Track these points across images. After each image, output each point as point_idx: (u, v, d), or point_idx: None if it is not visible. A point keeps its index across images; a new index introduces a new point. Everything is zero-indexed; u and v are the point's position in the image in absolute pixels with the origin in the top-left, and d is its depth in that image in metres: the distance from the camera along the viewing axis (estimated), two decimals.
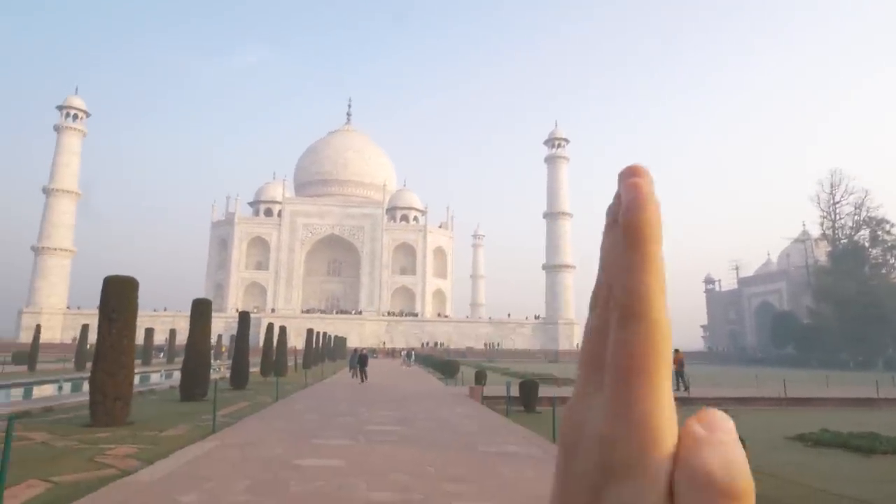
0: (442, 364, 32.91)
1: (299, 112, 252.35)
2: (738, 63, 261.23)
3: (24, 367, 32.83)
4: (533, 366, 51.04)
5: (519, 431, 11.69)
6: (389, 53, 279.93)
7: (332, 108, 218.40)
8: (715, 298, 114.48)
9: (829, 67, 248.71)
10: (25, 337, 65.85)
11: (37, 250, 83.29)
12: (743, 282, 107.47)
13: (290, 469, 7.52)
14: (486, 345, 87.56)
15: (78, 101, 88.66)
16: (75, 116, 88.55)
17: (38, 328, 38.37)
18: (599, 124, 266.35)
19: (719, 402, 18.82)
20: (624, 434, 0.27)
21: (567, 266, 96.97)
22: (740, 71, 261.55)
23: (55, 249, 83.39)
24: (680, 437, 0.27)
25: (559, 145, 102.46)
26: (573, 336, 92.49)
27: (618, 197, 0.30)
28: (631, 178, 0.29)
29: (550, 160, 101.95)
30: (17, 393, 20.97)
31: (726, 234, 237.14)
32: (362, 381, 25.03)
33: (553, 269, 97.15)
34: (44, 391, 22.02)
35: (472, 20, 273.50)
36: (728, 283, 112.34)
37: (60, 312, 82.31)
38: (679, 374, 20.73)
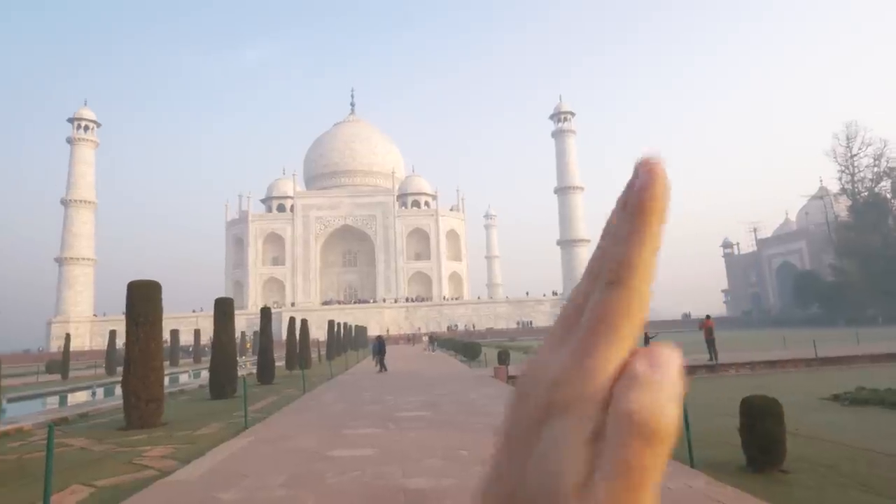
0: (463, 346, 33.00)
1: (305, 106, 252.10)
2: (750, 16, 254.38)
3: (57, 376, 33.60)
4: None
5: None
6: (388, 40, 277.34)
7: (337, 99, 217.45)
8: (734, 262, 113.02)
9: (842, 19, 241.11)
10: (56, 346, 67.46)
11: (60, 261, 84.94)
12: (762, 243, 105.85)
13: (325, 461, 7.57)
14: (518, 323, 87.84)
15: (88, 113, 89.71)
16: (86, 128, 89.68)
17: (67, 337, 39.16)
18: (608, 94, 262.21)
19: (751, 367, 18.63)
20: (572, 376, 0.27)
21: (582, 240, 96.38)
22: (752, 24, 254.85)
23: (78, 259, 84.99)
24: (620, 374, 0.27)
25: (565, 119, 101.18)
26: None
27: (629, 184, 0.30)
28: (646, 166, 0.29)
29: (557, 134, 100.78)
30: (53, 401, 21.50)
31: (742, 196, 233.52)
32: (380, 370, 24.07)
33: (568, 244, 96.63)
34: (78, 398, 22.53)
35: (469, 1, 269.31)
36: (747, 245, 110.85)
37: (88, 320, 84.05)
38: (709, 341, 20.22)
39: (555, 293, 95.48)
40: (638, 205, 0.29)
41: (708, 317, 21.64)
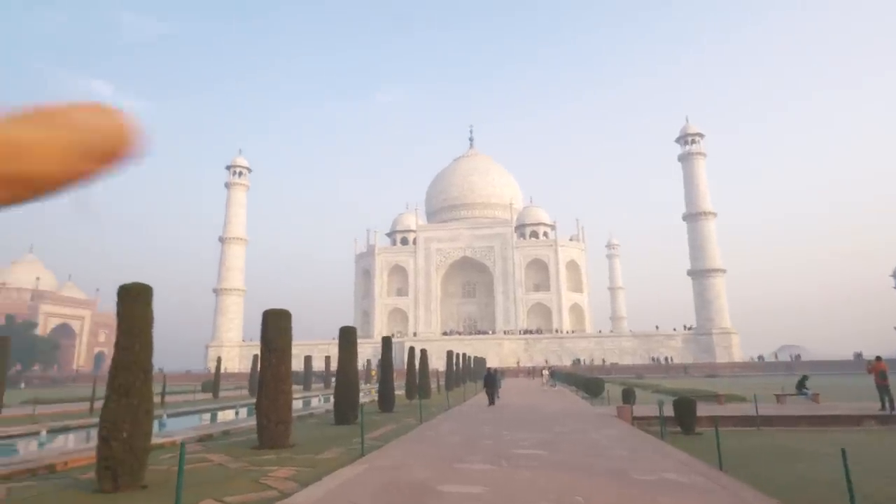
0: (585, 382, 31.49)
1: (428, 143, 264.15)
2: None
3: (209, 395, 37.52)
4: (687, 381, 46.89)
5: (677, 456, 10.57)
6: (507, 74, 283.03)
7: (457, 135, 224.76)
8: None
9: None
10: (211, 368, 75.79)
11: (217, 291, 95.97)
12: None
13: (433, 496, 7.47)
14: (653, 359, 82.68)
15: (242, 161, 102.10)
16: (240, 173, 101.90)
17: (218, 360, 43.76)
18: (742, 115, 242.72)
19: None
20: None
21: (716, 270, 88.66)
22: None
23: (231, 290, 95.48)
24: None
25: (693, 141, 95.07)
26: (731, 346, 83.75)
27: None
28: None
29: (685, 158, 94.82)
30: (206, 417, 24.03)
31: None
32: (490, 403, 23.68)
33: (700, 273, 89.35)
34: (225, 416, 24.87)
35: (583, 32, 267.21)
36: None
37: (237, 345, 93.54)
38: (882, 387, 17.24)
39: (687, 327, 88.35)
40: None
41: (879, 358, 18.53)
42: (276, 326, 13.09)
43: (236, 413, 25.32)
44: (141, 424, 8.06)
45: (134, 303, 8.52)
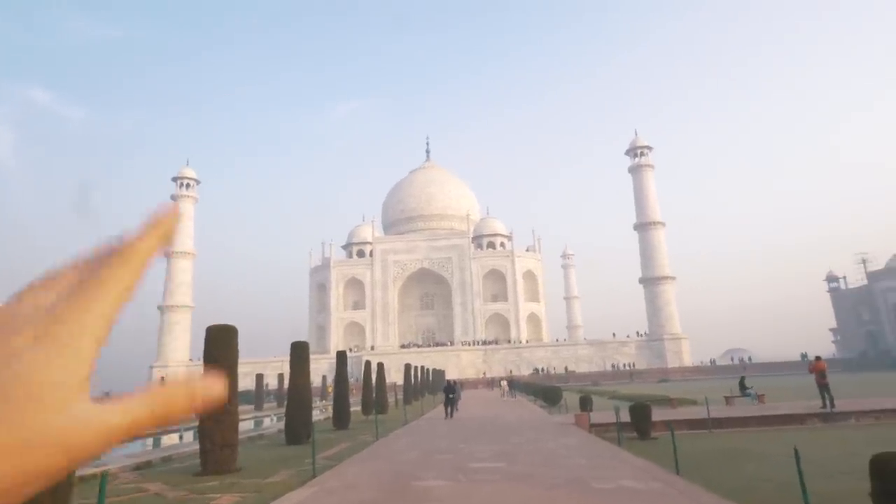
0: (543, 391, 31.59)
1: (384, 155, 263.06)
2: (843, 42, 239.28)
3: None
4: (641, 387, 47.88)
5: (634, 462, 10.56)
6: (461, 87, 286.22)
7: (413, 147, 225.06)
8: (842, 298, 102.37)
9: None
10: None
11: (162, 308, 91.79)
12: (873, 276, 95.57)
13: None
14: (613, 366, 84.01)
15: (190, 172, 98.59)
16: (188, 185, 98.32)
17: (162, 381, 41.50)
18: (687, 126, 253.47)
19: (875, 415, 16.24)
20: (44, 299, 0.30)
21: (666, 277, 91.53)
22: (842, 52, 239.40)
23: (177, 306, 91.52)
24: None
25: (642, 153, 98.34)
26: (682, 352, 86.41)
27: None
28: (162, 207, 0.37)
29: (634, 170, 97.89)
30: (148, 443, 22.57)
31: (845, 226, 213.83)
32: (447, 416, 23.45)
33: (651, 281, 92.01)
34: (169, 440, 23.49)
35: (535, 40, 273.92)
36: (855, 279, 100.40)
37: (184, 364, 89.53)
38: (822, 386, 17.85)
39: (640, 334, 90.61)
40: (147, 225, 0.36)
41: (818, 358, 19.29)
42: (220, 342, 12.42)
43: (180, 437, 23.98)
44: None
45: None
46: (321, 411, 32.30)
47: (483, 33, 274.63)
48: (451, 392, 23.99)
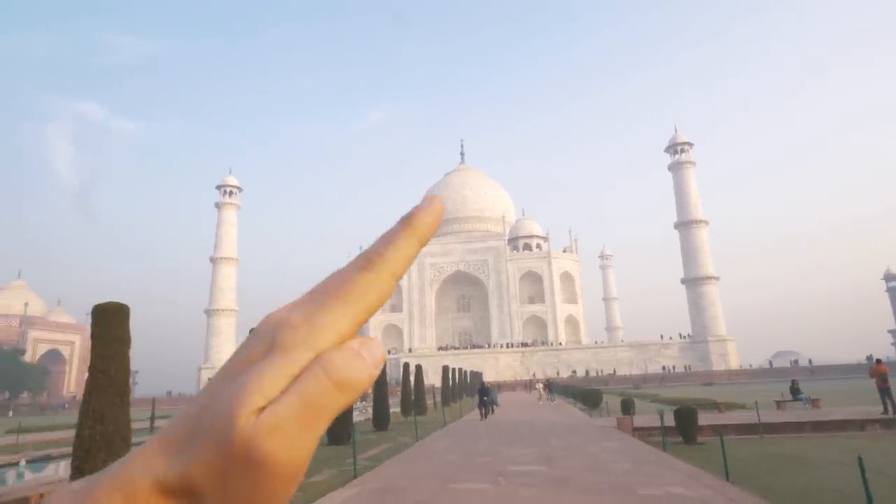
0: (583, 393, 31.05)
1: (420, 158, 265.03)
2: None
3: None
4: (685, 390, 46.53)
5: (681, 468, 10.21)
6: (496, 90, 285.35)
7: (448, 149, 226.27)
8: None
9: None
10: None
11: (208, 312, 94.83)
12: None
13: None
14: (664, 368, 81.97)
15: (232, 180, 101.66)
16: (231, 193, 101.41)
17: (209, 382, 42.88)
18: (727, 122, 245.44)
19: None
20: (300, 324, 0.30)
21: (710, 277, 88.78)
22: None
23: (222, 310, 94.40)
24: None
25: (682, 150, 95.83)
26: (728, 354, 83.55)
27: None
28: (429, 198, 0.37)
29: (674, 167, 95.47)
30: None
31: None
32: (482, 417, 23.82)
33: (694, 282, 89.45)
34: None
35: (570, 42, 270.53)
36: None
37: None
38: (883, 390, 16.83)
39: (683, 335, 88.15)
40: (408, 218, 0.35)
41: (879, 361, 18.27)
42: None
43: None
44: (118, 453, 7.61)
45: (109, 323, 8.10)
46: (361, 412, 32.61)
47: (521, 35, 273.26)
48: (484, 394, 24.20)
